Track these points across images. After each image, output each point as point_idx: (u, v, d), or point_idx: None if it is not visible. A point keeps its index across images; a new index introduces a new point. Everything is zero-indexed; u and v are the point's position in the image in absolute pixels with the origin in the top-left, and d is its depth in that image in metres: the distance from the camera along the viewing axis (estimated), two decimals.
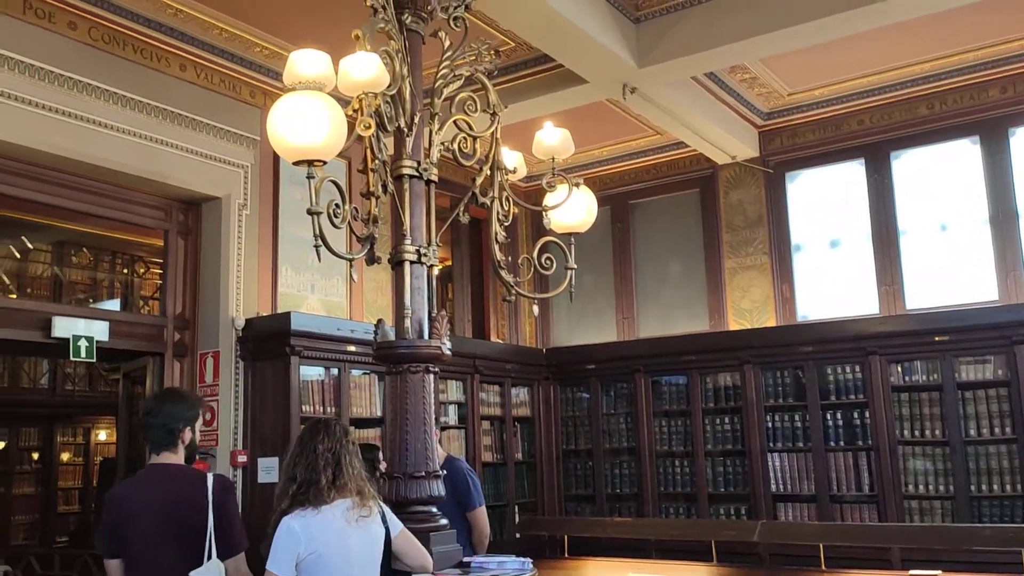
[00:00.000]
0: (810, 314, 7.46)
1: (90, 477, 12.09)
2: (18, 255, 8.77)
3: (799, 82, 7.16)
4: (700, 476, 7.09)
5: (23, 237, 8.58)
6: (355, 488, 3.00)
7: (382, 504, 3.07)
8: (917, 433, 6.32)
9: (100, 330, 5.39)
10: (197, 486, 3.10)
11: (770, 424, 6.88)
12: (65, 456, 12.17)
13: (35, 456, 11.91)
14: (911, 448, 6.33)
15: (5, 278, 8.30)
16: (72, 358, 5.25)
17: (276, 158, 6.23)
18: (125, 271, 10.07)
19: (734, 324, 7.61)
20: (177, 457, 3.21)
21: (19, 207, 6.80)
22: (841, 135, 7.40)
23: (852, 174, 7.41)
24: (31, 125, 4.87)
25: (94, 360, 5.47)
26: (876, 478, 6.36)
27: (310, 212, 2.87)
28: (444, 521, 3.27)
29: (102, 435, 12.43)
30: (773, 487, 6.77)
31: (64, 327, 5.18)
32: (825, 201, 7.56)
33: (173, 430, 3.19)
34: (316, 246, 2.93)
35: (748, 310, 7.59)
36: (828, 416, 6.65)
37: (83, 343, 5.23)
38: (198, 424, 3.33)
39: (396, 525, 3.06)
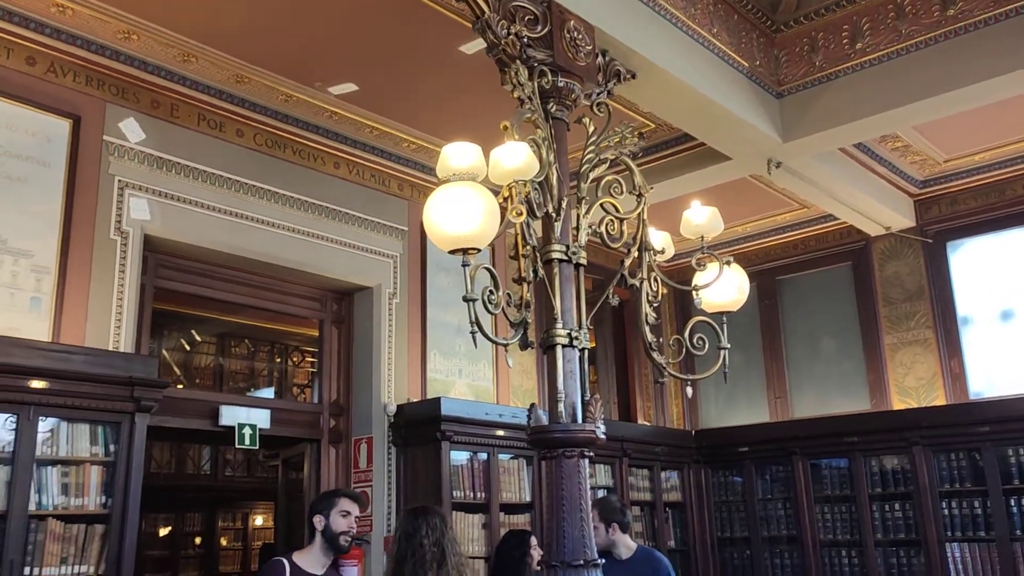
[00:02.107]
0: (984, 391, 6.94)
1: (249, 562, 12.47)
2: (187, 347, 9.34)
3: (956, 148, 6.84)
4: (871, 568, 6.61)
5: (192, 331, 9.15)
6: (456, 574, 3.18)
7: None
8: None
9: (262, 418, 5.63)
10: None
11: (947, 511, 6.37)
12: (224, 541, 12.62)
13: (198, 541, 12.40)
14: None
15: (176, 369, 8.84)
16: (237, 445, 5.48)
17: (423, 247, 6.44)
18: (279, 360, 10.53)
19: (898, 403, 7.17)
20: (309, 545, 3.68)
21: (189, 302, 7.28)
22: (1007, 200, 6.99)
23: (1022, 241, 6.95)
24: (201, 226, 5.23)
25: (257, 447, 5.68)
26: None
27: (466, 299, 2.90)
28: None
29: (259, 520, 12.86)
30: None
31: (230, 415, 5.44)
32: (993, 270, 7.09)
33: (309, 522, 3.69)
34: (472, 332, 2.95)
35: (913, 388, 7.14)
36: (1012, 502, 6.10)
37: (247, 431, 5.46)
38: (336, 512, 3.67)
39: None
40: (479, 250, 2.97)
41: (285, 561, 3.62)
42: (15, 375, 3.94)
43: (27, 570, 3.87)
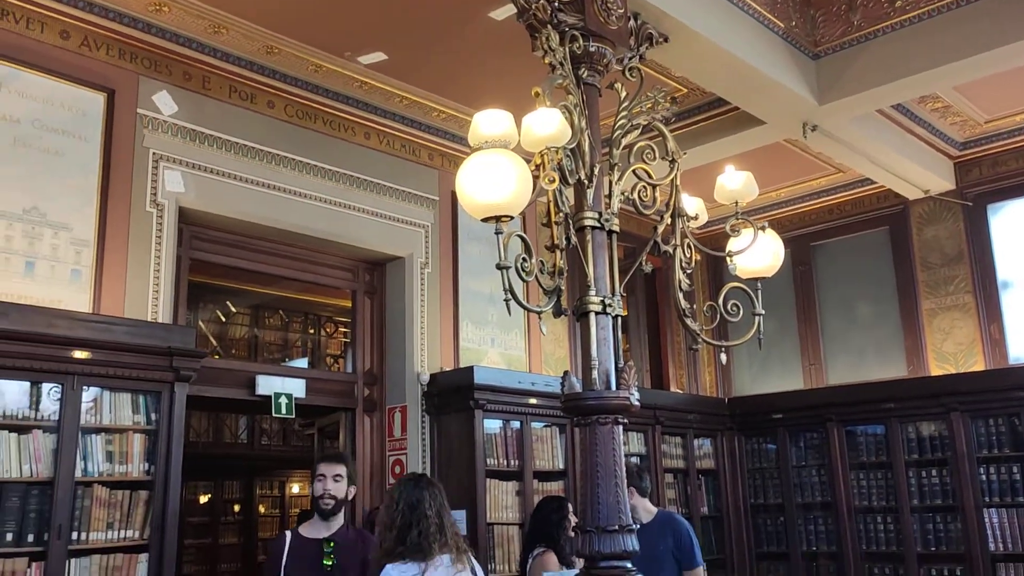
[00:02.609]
0: None
1: (287, 528, 12.69)
2: (222, 318, 9.46)
3: (998, 108, 6.69)
4: (907, 534, 6.58)
5: (227, 302, 9.26)
6: (454, 544, 3.26)
7: (472, 558, 3.30)
8: None
9: (297, 387, 5.69)
10: None
11: (984, 477, 6.31)
12: (262, 508, 12.86)
13: (236, 508, 12.65)
14: None
15: (212, 340, 8.96)
16: (274, 414, 5.56)
17: (454, 216, 6.44)
18: (312, 331, 10.63)
19: (936, 369, 7.08)
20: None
21: (223, 275, 7.35)
22: None
23: None
24: (234, 197, 5.27)
25: (293, 416, 5.76)
26: None
27: (499, 267, 2.90)
28: None
29: (295, 488, 13.08)
30: (992, 546, 6.18)
31: (266, 385, 5.51)
32: None
33: None
34: (506, 300, 2.95)
35: (952, 353, 7.05)
36: None
37: (283, 400, 5.53)
38: (315, 478, 3.81)
39: None
40: (512, 218, 2.97)
41: (288, 532, 3.80)
42: (59, 345, 4.02)
43: (75, 535, 3.98)
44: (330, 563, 3.62)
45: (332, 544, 3.66)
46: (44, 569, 3.85)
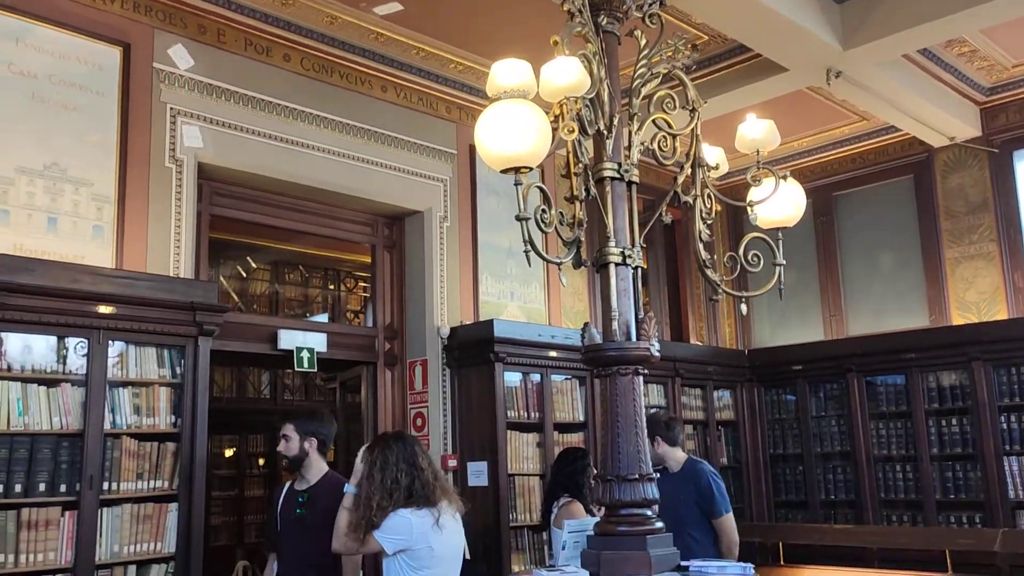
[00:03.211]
0: None
1: None
2: (243, 274, 9.52)
3: None
4: (926, 482, 6.61)
5: (247, 258, 9.31)
6: (446, 490, 3.55)
7: (457, 497, 3.59)
8: None
9: (318, 341, 5.74)
10: None
11: (1005, 425, 6.31)
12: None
13: (261, 462, 12.84)
14: None
15: (234, 296, 9.03)
16: (296, 368, 5.61)
17: (472, 170, 6.42)
18: (332, 287, 10.68)
19: (958, 318, 7.04)
20: None
21: (243, 231, 7.38)
22: None
23: None
24: (252, 152, 5.27)
25: (315, 370, 5.82)
26: None
27: (519, 218, 2.89)
28: (660, 524, 3.21)
29: None
30: (1012, 493, 6.20)
31: (288, 339, 5.56)
32: None
33: None
34: (526, 251, 2.95)
35: (974, 303, 6.99)
36: None
37: (305, 354, 5.58)
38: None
39: None
40: (531, 169, 2.95)
41: (285, 485, 4.13)
42: (84, 300, 4.07)
43: (106, 485, 4.08)
44: (302, 512, 3.92)
45: (306, 495, 3.96)
46: (77, 517, 3.95)
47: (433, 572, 3.41)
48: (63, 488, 3.96)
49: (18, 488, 3.84)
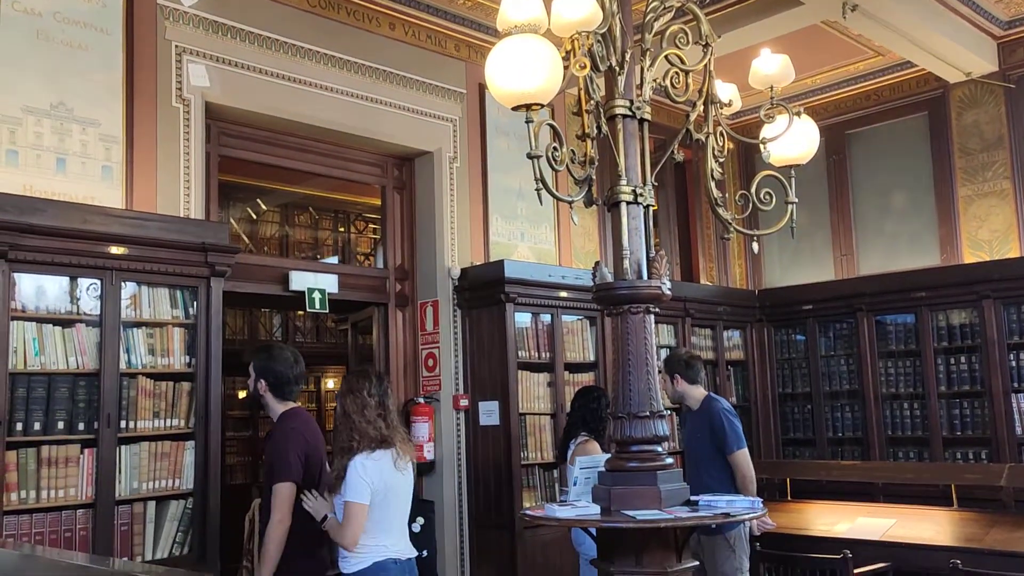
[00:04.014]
0: None
1: (324, 421, 13.08)
2: (253, 216, 9.53)
3: None
4: (933, 419, 6.65)
5: (257, 200, 9.30)
6: (403, 431, 3.60)
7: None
8: None
9: (330, 283, 5.76)
10: None
11: (1014, 363, 6.33)
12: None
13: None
14: None
15: (244, 238, 9.04)
16: (308, 309, 5.64)
17: (482, 110, 6.36)
18: (342, 229, 10.67)
19: (970, 256, 7.00)
20: None
21: (253, 172, 7.37)
22: None
23: None
24: (259, 92, 5.22)
25: (327, 311, 5.85)
26: None
27: (530, 156, 2.87)
28: (670, 460, 3.25)
29: (330, 383, 13.39)
30: (1018, 430, 6.25)
31: (299, 280, 5.58)
32: None
33: None
34: (537, 190, 2.94)
35: (987, 241, 6.95)
36: None
37: (316, 295, 5.61)
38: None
39: None
40: (542, 106, 2.92)
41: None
42: (96, 241, 4.08)
43: (123, 423, 4.14)
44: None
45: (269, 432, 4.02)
46: (96, 455, 4.03)
47: (384, 513, 3.44)
48: (81, 426, 4.03)
49: (37, 426, 3.91)
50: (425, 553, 3.68)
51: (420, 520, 3.78)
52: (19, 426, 3.86)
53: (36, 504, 3.87)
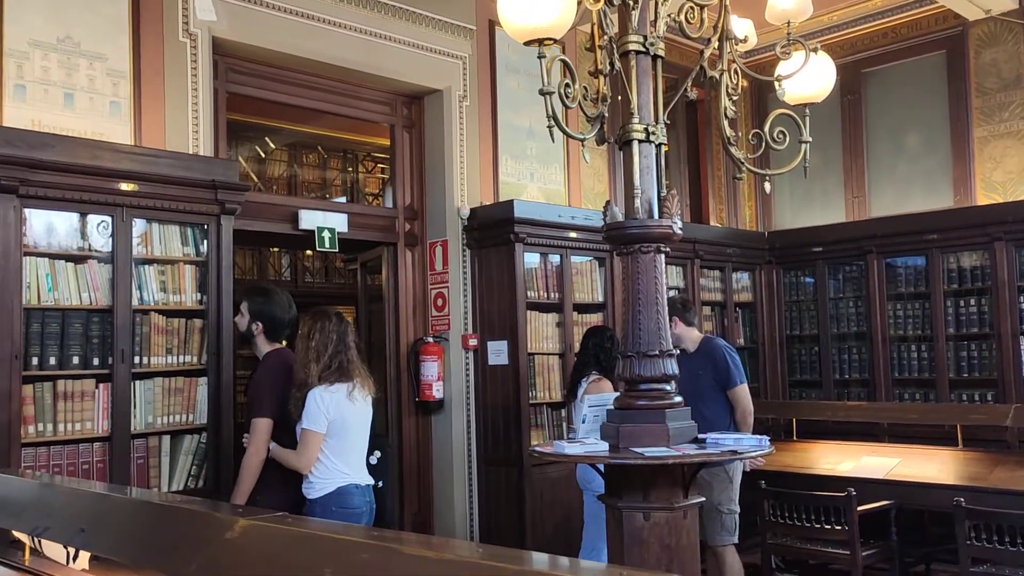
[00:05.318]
0: None
1: None
2: (262, 154, 9.48)
3: None
4: (940, 361, 6.68)
5: (265, 138, 9.25)
6: (363, 368, 3.84)
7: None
8: None
9: (339, 222, 5.75)
10: None
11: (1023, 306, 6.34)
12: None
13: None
14: None
15: (253, 177, 9.01)
16: (317, 248, 5.65)
17: (492, 48, 6.26)
18: (351, 169, 10.62)
19: (983, 199, 6.94)
20: None
21: (261, 111, 7.30)
22: None
23: None
24: (268, 27, 5.14)
25: (336, 250, 5.85)
26: None
27: (542, 92, 2.84)
28: (679, 399, 3.29)
29: None
30: None
31: (309, 219, 5.58)
32: None
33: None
34: (549, 127, 2.92)
35: (1001, 182, 6.88)
36: None
37: (326, 233, 5.61)
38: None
39: None
40: (554, 41, 2.88)
41: None
42: (105, 178, 4.08)
43: (137, 359, 4.19)
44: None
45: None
46: (111, 389, 4.08)
47: (342, 442, 3.73)
48: (96, 362, 4.07)
49: (52, 361, 3.96)
50: (381, 484, 3.95)
51: (377, 453, 4.07)
52: (35, 360, 3.91)
53: (53, 437, 3.94)
